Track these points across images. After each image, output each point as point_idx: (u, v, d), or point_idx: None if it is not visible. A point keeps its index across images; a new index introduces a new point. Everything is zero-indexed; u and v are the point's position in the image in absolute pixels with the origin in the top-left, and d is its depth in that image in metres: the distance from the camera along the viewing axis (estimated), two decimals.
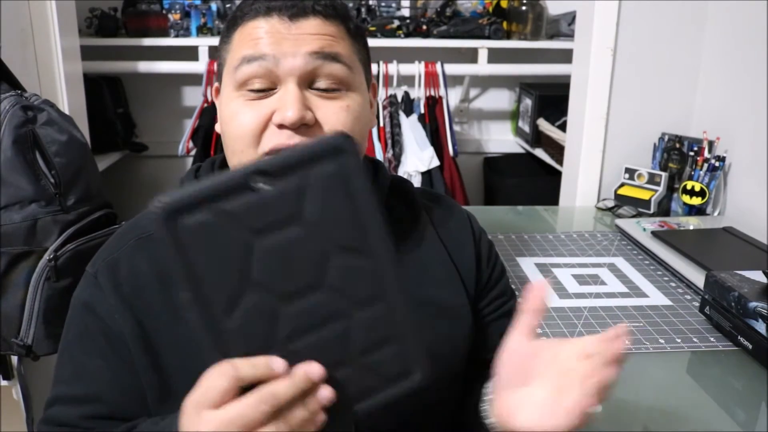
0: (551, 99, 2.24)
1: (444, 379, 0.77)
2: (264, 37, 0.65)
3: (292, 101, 0.64)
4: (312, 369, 0.47)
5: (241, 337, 0.46)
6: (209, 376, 0.47)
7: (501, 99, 2.65)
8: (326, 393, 0.47)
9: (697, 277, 1.05)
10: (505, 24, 2.34)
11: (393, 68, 2.17)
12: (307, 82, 0.66)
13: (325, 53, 0.66)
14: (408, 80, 2.22)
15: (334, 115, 0.66)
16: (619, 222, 1.36)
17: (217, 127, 0.74)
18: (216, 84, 0.74)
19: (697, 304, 0.99)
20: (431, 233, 0.80)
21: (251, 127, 0.65)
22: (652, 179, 1.49)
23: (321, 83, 0.66)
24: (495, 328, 0.85)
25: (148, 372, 0.67)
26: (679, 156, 1.49)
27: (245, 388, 0.46)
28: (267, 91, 0.66)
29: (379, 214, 0.47)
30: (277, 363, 0.46)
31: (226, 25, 0.71)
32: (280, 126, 0.65)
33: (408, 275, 0.75)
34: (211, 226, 0.43)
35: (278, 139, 0.65)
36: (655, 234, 1.25)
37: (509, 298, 0.88)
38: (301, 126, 0.65)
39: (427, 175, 2.13)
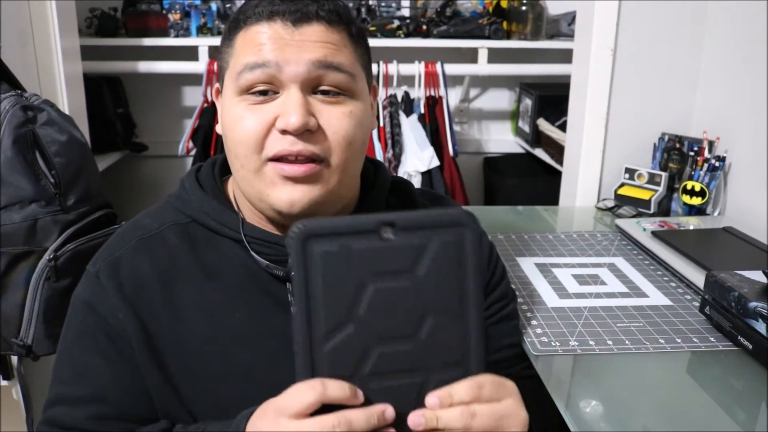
0: (551, 99, 2.24)
1: None
2: (267, 43, 0.65)
3: (295, 107, 0.64)
4: (388, 410, 0.51)
5: (331, 362, 0.50)
6: (299, 387, 0.50)
7: (501, 99, 2.65)
8: None
9: (697, 277, 1.05)
10: (505, 24, 2.34)
11: (393, 68, 2.17)
12: (310, 87, 0.66)
13: (327, 63, 0.65)
14: (408, 80, 2.22)
15: (336, 121, 0.66)
16: (619, 222, 1.36)
17: (218, 128, 0.74)
18: (217, 85, 0.74)
19: (697, 304, 0.99)
20: None
21: (254, 133, 0.65)
22: (652, 179, 1.49)
23: (324, 89, 0.66)
24: (495, 331, 0.85)
25: (153, 370, 0.67)
26: (679, 156, 1.49)
27: (320, 409, 0.50)
28: (269, 95, 0.66)
29: (481, 288, 0.53)
30: (360, 394, 0.50)
31: (229, 26, 0.70)
32: (283, 132, 0.64)
33: None
34: (335, 257, 0.49)
35: (281, 145, 0.65)
36: (655, 234, 1.25)
37: (510, 300, 0.88)
38: (305, 132, 0.64)
39: (427, 175, 2.13)
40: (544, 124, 2.25)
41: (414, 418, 0.51)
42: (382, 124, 2.13)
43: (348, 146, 0.67)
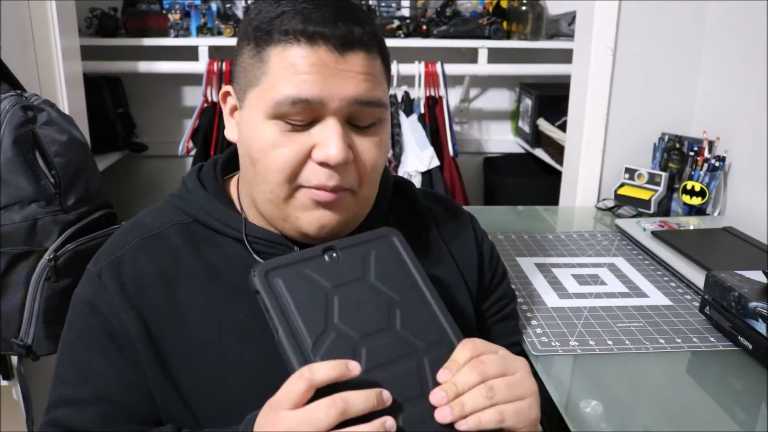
0: (551, 99, 2.24)
1: None
2: (310, 74, 0.62)
3: (335, 141, 0.62)
4: (385, 393, 0.52)
5: None
6: (290, 380, 0.52)
7: (501, 99, 2.65)
8: (391, 422, 0.52)
9: (697, 277, 1.05)
10: (505, 24, 2.34)
11: (393, 68, 2.17)
12: (347, 117, 0.65)
13: (368, 100, 0.64)
14: (408, 80, 2.22)
15: (369, 152, 0.66)
16: (619, 222, 1.36)
17: (228, 135, 0.72)
18: (226, 87, 0.72)
19: (697, 304, 0.99)
20: (435, 235, 0.80)
21: (290, 163, 0.64)
22: (652, 179, 1.49)
23: (361, 122, 0.66)
24: (497, 330, 0.85)
25: (156, 371, 0.67)
26: (679, 156, 1.49)
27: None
28: (306, 125, 0.64)
29: (425, 277, 0.61)
30: (353, 364, 0.52)
31: (256, 34, 0.65)
32: (322, 164, 0.63)
33: None
34: (295, 281, 0.56)
35: (318, 178, 0.64)
36: (655, 234, 1.25)
37: (510, 300, 0.88)
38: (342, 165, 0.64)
39: (427, 175, 2.13)
40: (544, 124, 2.25)
41: (435, 396, 0.54)
42: None
43: (375, 175, 0.68)
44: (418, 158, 2.11)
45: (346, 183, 0.65)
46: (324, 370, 0.51)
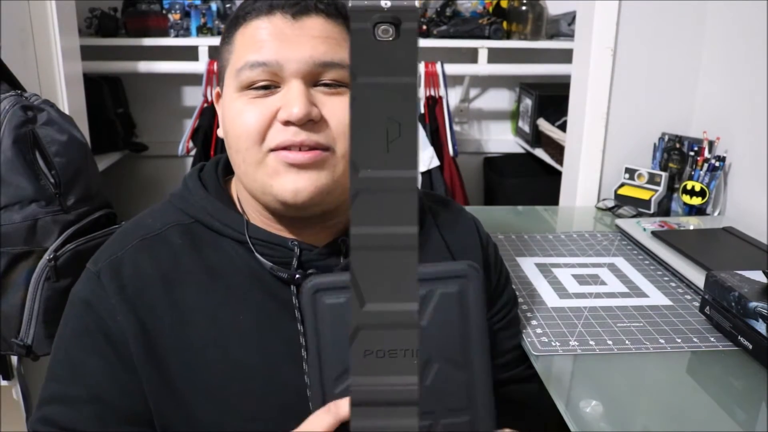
0: (551, 99, 2.24)
1: None
2: (267, 39, 0.65)
3: (297, 97, 0.64)
4: None
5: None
6: (317, 413, 0.53)
7: (501, 99, 2.65)
8: None
9: (697, 277, 1.05)
10: (505, 24, 2.34)
11: None
12: (312, 80, 0.66)
13: (328, 61, 0.65)
14: None
15: (340, 110, 0.66)
16: (619, 222, 1.36)
17: (219, 132, 0.73)
18: (217, 89, 0.74)
19: (697, 304, 0.99)
20: (437, 238, 0.79)
21: (256, 125, 0.65)
22: (652, 179, 1.49)
23: (325, 81, 0.67)
24: (503, 335, 0.85)
25: (152, 372, 0.66)
26: (679, 156, 1.49)
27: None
28: (271, 89, 0.66)
29: (485, 337, 0.54)
30: None
31: (228, 25, 0.70)
32: (286, 123, 0.64)
33: None
34: (342, 308, 0.52)
35: (284, 135, 0.65)
36: (655, 234, 1.25)
37: (514, 304, 0.88)
38: (308, 122, 0.64)
39: (427, 175, 2.13)
40: (544, 124, 2.25)
41: None
42: None
43: None
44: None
45: (318, 140, 0.65)
46: (347, 407, 0.51)
